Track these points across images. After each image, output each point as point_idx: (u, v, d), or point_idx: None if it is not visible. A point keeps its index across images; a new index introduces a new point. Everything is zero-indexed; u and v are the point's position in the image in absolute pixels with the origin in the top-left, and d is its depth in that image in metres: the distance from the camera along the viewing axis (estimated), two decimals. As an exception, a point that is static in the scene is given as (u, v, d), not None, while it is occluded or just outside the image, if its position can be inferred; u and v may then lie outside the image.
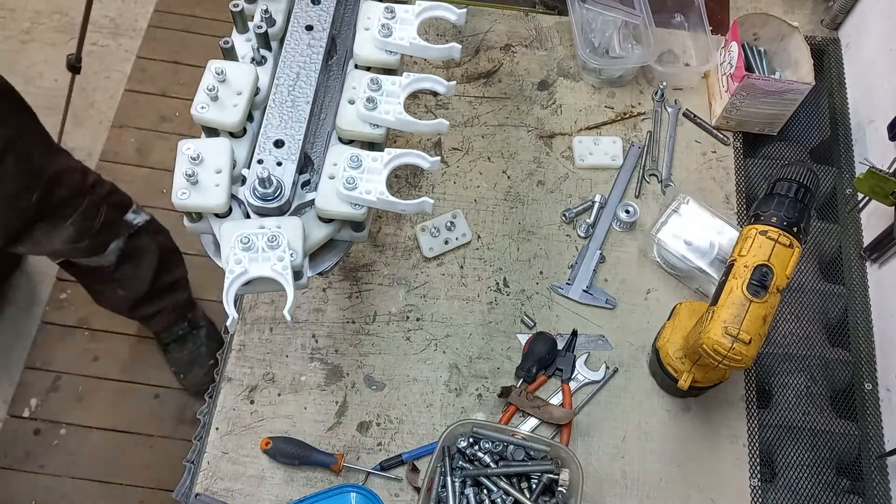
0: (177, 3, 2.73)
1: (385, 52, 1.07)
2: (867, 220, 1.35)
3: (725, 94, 1.37)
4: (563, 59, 1.49)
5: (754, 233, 1.02)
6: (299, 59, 1.05)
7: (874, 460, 1.19)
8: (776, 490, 1.17)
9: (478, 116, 1.42)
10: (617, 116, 1.43)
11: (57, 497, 2.06)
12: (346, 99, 1.03)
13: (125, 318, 2.12)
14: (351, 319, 1.25)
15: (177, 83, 2.59)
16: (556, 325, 1.26)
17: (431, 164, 0.98)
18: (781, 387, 1.25)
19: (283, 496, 1.13)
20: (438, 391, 1.20)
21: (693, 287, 1.29)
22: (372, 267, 1.29)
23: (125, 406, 2.17)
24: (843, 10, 1.51)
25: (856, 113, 1.45)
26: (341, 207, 0.96)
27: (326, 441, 1.16)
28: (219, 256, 0.94)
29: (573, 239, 1.33)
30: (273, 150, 0.98)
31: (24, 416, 2.14)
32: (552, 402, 1.20)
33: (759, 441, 1.20)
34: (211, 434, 1.16)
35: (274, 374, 1.20)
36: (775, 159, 1.42)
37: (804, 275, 1.32)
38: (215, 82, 0.97)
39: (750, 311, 0.98)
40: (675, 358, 1.13)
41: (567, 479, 1.04)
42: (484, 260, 1.30)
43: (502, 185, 1.37)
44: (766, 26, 1.41)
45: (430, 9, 1.09)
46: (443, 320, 1.25)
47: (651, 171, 1.39)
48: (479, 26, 1.51)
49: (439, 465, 1.09)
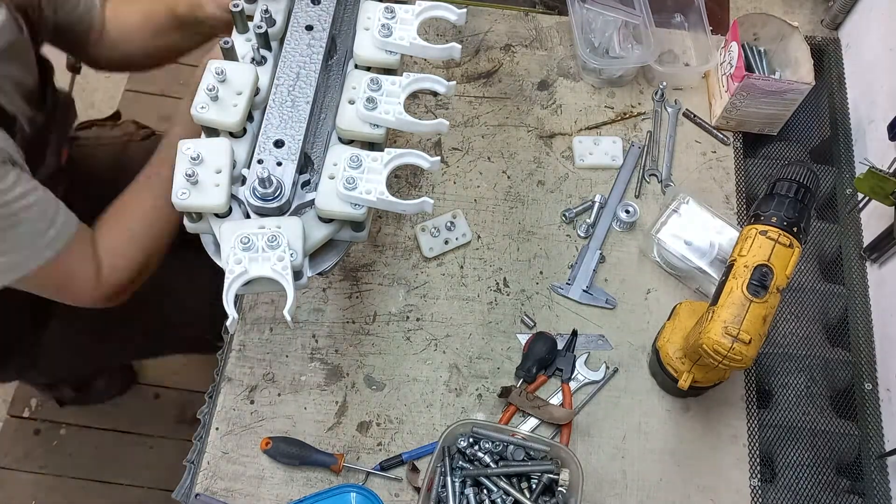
0: (177, 3, 2.73)
1: (385, 52, 1.07)
2: (867, 220, 1.35)
3: (725, 94, 1.37)
4: (563, 59, 1.49)
5: (754, 233, 1.02)
6: (299, 59, 1.05)
7: (874, 460, 1.19)
8: (776, 490, 1.17)
9: (478, 116, 1.42)
10: (617, 116, 1.43)
11: (57, 497, 2.06)
12: (346, 99, 1.03)
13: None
14: (351, 319, 1.25)
15: (177, 83, 2.59)
16: (556, 325, 1.26)
17: (431, 164, 0.98)
18: (781, 387, 1.25)
19: (283, 496, 1.13)
20: (438, 391, 1.20)
21: (693, 287, 1.29)
22: (372, 267, 1.29)
23: (125, 406, 2.17)
24: (843, 10, 1.51)
25: (856, 113, 1.45)
26: (341, 207, 0.96)
27: (326, 441, 1.16)
28: (219, 256, 0.94)
29: (573, 239, 1.33)
30: (273, 150, 0.98)
31: (24, 416, 2.14)
32: (552, 402, 1.20)
33: (759, 441, 1.20)
34: (211, 434, 1.16)
35: (274, 374, 1.20)
36: (775, 159, 1.42)
37: (804, 275, 1.32)
38: (215, 82, 0.97)
39: (750, 311, 0.98)
40: (675, 358, 1.13)
41: (567, 479, 1.04)
42: (484, 260, 1.30)
43: (502, 185, 1.37)
44: (766, 26, 1.41)
45: (430, 9, 1.09)
46: (443, 320, 1.25)
47: (651, 171, 1.39)
48: (479, 26, 1.51)
49: (439, 465, 1.09)
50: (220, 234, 0.94)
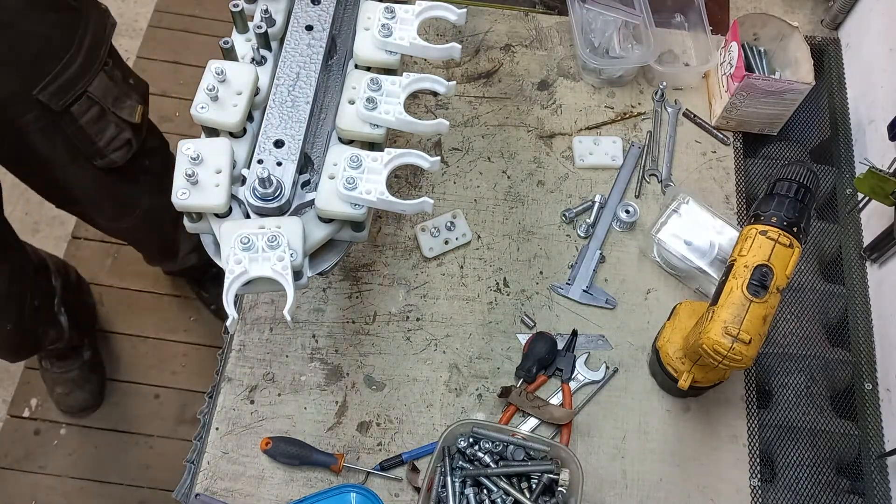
0: (177, 3, 2.73)
1: (385, 52, 1.07)
2: (867, 220, 1.35)
3: (725, 94, 1.37)
4: (563, 59, 1.49)
5: (754, 233, 1.02)
6: (299, 59, 1.05)
7: (874, 460, 1.19)
8: (776, 490, 1.17)
9: (478, 116, 1.42)
10: (617, 116, 1.43)
11: (57, 497, 2.06)
12: (346, 99, 1.03)
13: (125, 318, 2.12)
14: (351, 319, 1.25)
15: (177, 83, 2.59)
16: (556, 325, 1.26)
17: (431, 164, 0.98)
18: (781, 387, 1.25)
19: (283, 496, 1.13)
20: (438, 391, 1.21)
21: (693, 287, 1.29)
22: (372, 267, 1.29)
23: (125, 405, 2.17)
24: (843, 10, 1.51)
25: (856, 113, 1.45)
26: (341, 207, 0.96)
27: (326, 441, 1.16)
28: (219, 256, 0.95)
29: (573, 239, 1.33)
30: (273, 150, 0.98)
31: (24, 416, 2.14)
32: (552, 402, 1.20)
33: (759, 441, 1.20)
34: (211, 434, 1.16)
35: (274, 374, 1.20)
36: (775, 159, 1.42)
37: (804, 275, 1.32)
38: (215, 82, 0.97)
39: (750, 311, 0.98)
40: (675, 358, 1.13)
41: (567, 479, 1.04)
42: (484, 260, 1.30)
43: (502, 185, 1.37)
44: (766, 26, 1.41)
45: (430, 9, 1.09)
46: (443, 320, 1.25)
47: (651, 171, 1.39)
48: (479, 26, 1.51)
49: (439, 465, 1.09)
50: (220, 234, 0.94)
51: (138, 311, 2.28)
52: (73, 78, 1.34)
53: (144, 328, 2.26)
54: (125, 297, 2.30)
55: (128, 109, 1.46)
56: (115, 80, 1.44)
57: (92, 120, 1.40)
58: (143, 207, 1.67)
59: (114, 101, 1.43)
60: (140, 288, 2.31)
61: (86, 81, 1.37)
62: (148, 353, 2.23)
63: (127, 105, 1.46)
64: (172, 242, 1.97)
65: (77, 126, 1.39)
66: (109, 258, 2.34)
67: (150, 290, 2.31)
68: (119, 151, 1.49)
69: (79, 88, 1.36)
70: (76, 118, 1.38)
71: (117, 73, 1.46)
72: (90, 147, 1.44)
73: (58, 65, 1.31)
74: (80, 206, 1.66)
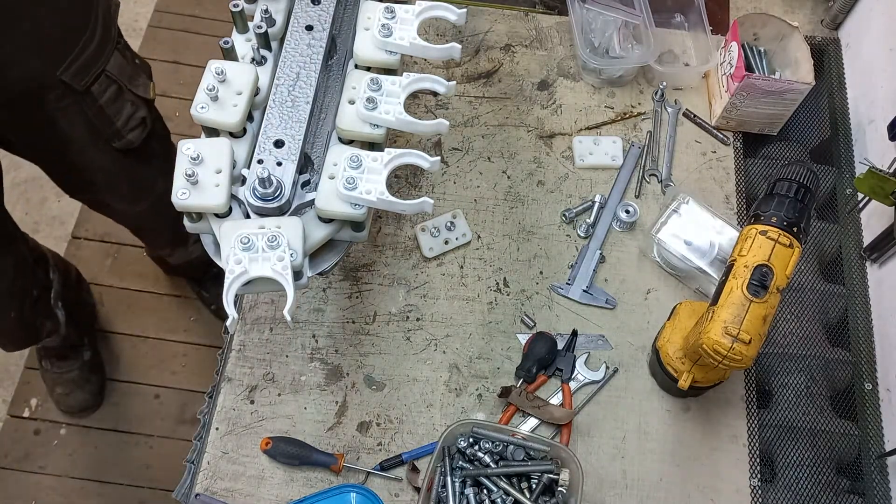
0: (177, 3, 2.73)
1: (385, 52, 1.07)
2: (867, 220, 1.35)
3: (725, 94, 1.37)
4: (563, 59, 1.49)
5: (754, 233, 1.02)
6: (299, 59, 1.05)
7: (874, 460, 1.19)
8: (776, 490, 1.17)
9: (478, 116, 1.42)
10: (617, 116, 1.43)
11: (57, 497, 2.06)
12: (346, 99, 1.03)
13: (125, 318, 2.12)
14: (351, 319, 1.25)
15: (177, 83, 2.58)
16: (556, 325, 1.26)
17: (431, 164, 0.98)
18: (781, 387, 1.25)
19: (283, 496, 1.13)
20: (438, 391, 1.21)
21: (693, 287, 1.29)
22: (372, 267, 1.29)
23: (125, 405, 2.17)
24: (843, 10, 1.51)
25: (856, 113, 1.45)
26: (341, 207, 0.96)
27: (326, 441, 1.16)
28: (219, 256, 0.95)
29: (573, 239, 1.33)
30: (273, 150, 0.98)
31: (24, 416, 2.14)
32: (552, 402, 1.20)
33: (759, 441, 1.20)
34: (211, 434, 1.16)
35: (274, 374, 1.20)
36: (775, 159, 1.42)
37: (804, 275, 1.32)
38: (215, 82, 0.97)
39: (750, 311, 0.98)
40: (675, 358, 1.13)
41: (567, 479, 1.04)
42: (484, 260, 1.30)
43: (502, 185, 1.37)
44: (766, 26, 1.41)
45: (430, 9, 1.09)
46: (443, 320, 1.25)
47: (651, 171, 1.39)
48: (479, 26, 1.51)
49: (439, 465, 1.09)
50: (220, 234, 0.94)
51: (138, 310, 2.28)
52: (92, 57, 1.37)
53: (144, 328, 2.26)
54: (125, 297, 2.30)
55: (142, 86, 1.50)
56: (128, 58, 1.48)
57: (110, 99, 1.44)
58: (157, 191, 1.69)
59: (129, 78, 1.47)
60: (140, 288, 2.31)
61: (103, 60, 1.40)
62: (148, 353, 2.23)
63: (141, 82, 1.50)
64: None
65: (97, 106, 1.42)
66: (109, 258, 2.34)
67: (150, 290, 2.31)
68: (135, 131, 1.53)
69: (98, 67, 1.39)
70: (96, 98, 1.41)
71: (129, 53, 1.50)
72: (109, 127, 1.48)
73: (77, 44, 1.34)
74: (96, 189, 1.68)
